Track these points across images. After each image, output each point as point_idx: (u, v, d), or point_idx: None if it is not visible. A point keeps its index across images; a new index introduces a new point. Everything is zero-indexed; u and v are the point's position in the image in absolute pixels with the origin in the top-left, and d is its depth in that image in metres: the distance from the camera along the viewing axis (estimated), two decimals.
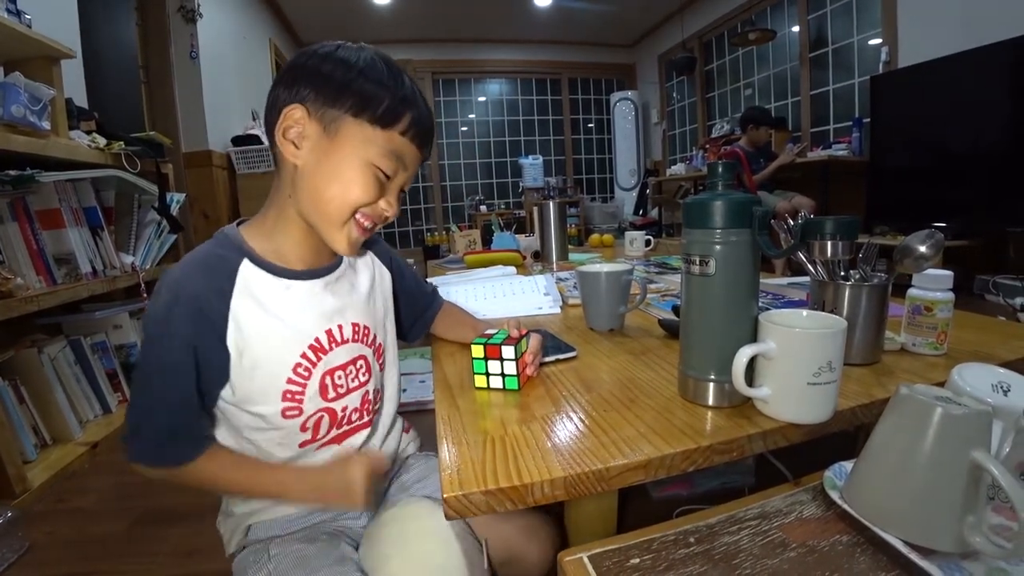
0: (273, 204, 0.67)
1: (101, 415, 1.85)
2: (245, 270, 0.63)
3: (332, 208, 0.63)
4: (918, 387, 0.44)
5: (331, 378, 0.68)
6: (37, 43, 1.65)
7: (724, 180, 0.55)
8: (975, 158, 2.79)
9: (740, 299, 0.55)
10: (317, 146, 0.62)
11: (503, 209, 6.29)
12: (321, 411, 0.67)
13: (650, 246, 1.98)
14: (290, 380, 0.64)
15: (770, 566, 0.41)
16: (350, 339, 0.70)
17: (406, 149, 0.64)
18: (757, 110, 3.76)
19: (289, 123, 0.61)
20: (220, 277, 0.62)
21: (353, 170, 0.62)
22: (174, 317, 0.58)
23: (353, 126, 0.61)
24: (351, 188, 0.62)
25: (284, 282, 0.66)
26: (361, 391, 0.72)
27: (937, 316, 0.70)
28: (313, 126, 0.61)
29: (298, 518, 0.70)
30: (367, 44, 0.65)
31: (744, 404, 0.57)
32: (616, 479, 0.46)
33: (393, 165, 0.63)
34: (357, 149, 0.61)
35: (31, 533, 1.26)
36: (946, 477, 0.40)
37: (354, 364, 0.71)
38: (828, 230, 0.58)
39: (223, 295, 0.61)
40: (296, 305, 0.66)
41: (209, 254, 0.64)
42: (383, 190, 0.65)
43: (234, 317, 0.61)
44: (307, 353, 0.66)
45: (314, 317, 0.67)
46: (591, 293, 0.89)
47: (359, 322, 0.72)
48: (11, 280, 1.42)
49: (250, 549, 0.68)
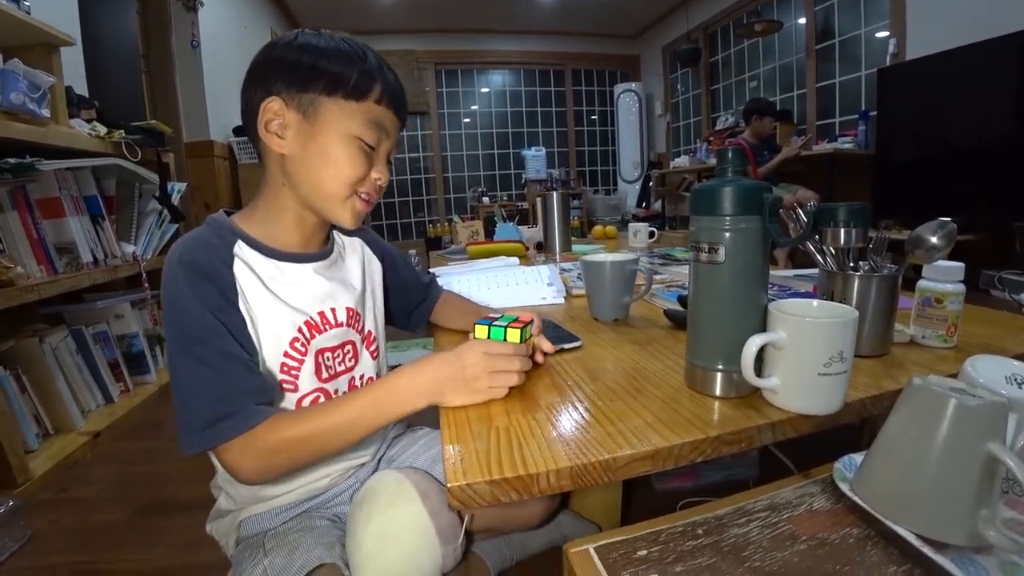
0: (263, 195, 0.69)
1: (103, 405, 1.85)
2: (240, 249, 0.65)
3: (330, 188, 0.65)
4: (932, 378, 0.43)
5: (322, 359, 0.69)
6: (36, 30, 1.63)
7: (733, 167, 0.54)
8: (982, 152, 2.77)
9: (749, 287, 0.54)
10: (300, 132, 0.63)
11: (506, 201, 6.26)
12: (317, 391, 0.68)
13: (654, 238, 1.96)
14: (287, 354, 0.65)
15: (780, 558, 0.40)
16: (344, 323, 0.71)
17: (384, 116, 0.66)
18: (761, 101, 3.73)
19: (269, 116, 0.63)
20: (220, 251, 0.63)
21: (339, 147, 0.64)
22: (192, 288, 0.59)
23: (330, 104, 0.63)
24: (342, 166, 0.64)
25: (277, 263, 0.67)
26: (348, 376, 0.73)
27: (947, 308, 0.69)
28: (292, 114, 0.63)
29: (289, 507, 0.70)
30: (326, 29, 0.66)
31: (752, 395, 0.56)
32: (623, 469, 0.46)
33: (375, 134, 0.65)
34: (338, 125, 0.63)
35: (33, 522, 1.26)
36: (960, 469, 0.40)
37: (342, 348, 0.72)
38: (841, 217, 0.57)
39: (227, 265, 0.62)
40: (290, 284, 0.67)
41: (202, 234, 0.65)
42: (371, 161, 0.66)
43: (239, 285, 0.62)
44: (303, 328, 0.67)
45: (308, 297, 0.68)
46: (596, 283, 0.88)
47: (352, 307, 0.73)
48: (12, 269, 1.41)
49: (245, 544, 0.68)
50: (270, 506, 0.70)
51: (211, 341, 0.58)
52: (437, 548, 0.60)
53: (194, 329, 0.58)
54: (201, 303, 0.59)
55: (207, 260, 0.61)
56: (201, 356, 0.57)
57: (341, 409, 0.58)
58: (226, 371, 0.58)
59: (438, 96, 6.35)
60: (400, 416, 0.59)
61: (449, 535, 0.62)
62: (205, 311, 0.58)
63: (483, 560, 0.80)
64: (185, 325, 0.58)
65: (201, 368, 0.57)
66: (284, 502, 0.70)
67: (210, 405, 0.56)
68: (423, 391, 0.58)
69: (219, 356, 0.58)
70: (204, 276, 0.60)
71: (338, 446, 0.60)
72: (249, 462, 0.56)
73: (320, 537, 0.65)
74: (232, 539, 0.71)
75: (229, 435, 0.55)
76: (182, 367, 0.58)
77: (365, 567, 0.59)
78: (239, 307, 0.62)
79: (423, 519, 0.60)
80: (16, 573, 1.12)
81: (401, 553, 0.59)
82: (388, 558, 0.59)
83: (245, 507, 0.70)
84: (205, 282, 0.60)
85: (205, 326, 0.58)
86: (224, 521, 0.72)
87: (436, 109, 6.34)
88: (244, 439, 0.56)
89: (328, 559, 0.61)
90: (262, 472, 0.58)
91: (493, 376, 0.58)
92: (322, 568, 0.61)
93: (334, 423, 0.58)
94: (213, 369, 0.57)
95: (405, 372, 0.59)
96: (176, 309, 0.59)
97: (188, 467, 1.51)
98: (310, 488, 0.71)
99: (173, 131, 2.45)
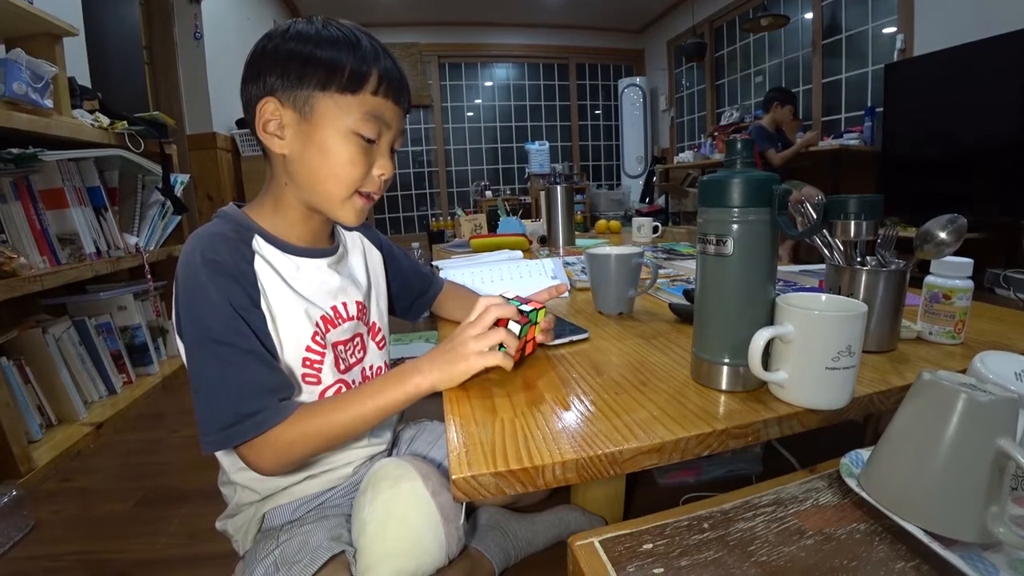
0: (269, 191, 0.69)
1: (106, 396, 1.85)
2: (258, 244, 0.65)
3: (330, 188, 0.65)
4: (941, 373, 0.42)
5: (338, 352, 0.71)
6: (39, 20, 1.62)
7: (742, 158, 0.53)
8: (989, 149, 2.74)
9: (757, 280, 0.53)
10: (298, 131, 0.63)
11: (509, 195, 6.25)
12: (338, 382, 0.69)
13: (657, 233, 1.95)
14: (309, 348, 0.66)
15: (786, 553, 0.40)
16: (354, 316, 0.73)
17: (383, 107, 0.64)
18: (785, 90, 3.67)
19: (266, 117, 0.63)
20: (240, 246, 0.63)
21: (338, 145, 0.62)
22: (218, 288, 0.59)
23: (325, 100, 0.61)
24: (342, 166, 0.63)
25: (294, 259, 0.68)
26: (359, 367, 0.75)
27: (955, 304, 0.68)
28: (288, 113, 0.62)
29: (309, 499, 0.71)
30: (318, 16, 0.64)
31: (758, 389, 0.55)
32: (629, 462, 0.45)
33: (375, 127, 0.64)
34: (336, 121, 0.62)
35: (36, 512, 1.26)
36: (970, 465, 0.39)
37: (352, 341, 0.74)
38: (852, 209, 0.56)
39: (248, 262, 0.63)
40: (306, 280, 0.68)
41: (220, 229, 0.64)
42: (372, 156, 0.65)
43: (260, 283, 0.63)
44: (319, 323, 0.67)
45: (323, 293, 0.69)
46: (601, 276, 0.88)
47: (360, 300, 0.75)
48: (14, 259, 1.41)
49: (262, 535, 0.68)
50: (294, 496, 0.70)
51: (236, 341, 0.58)
52: (439, 526, 0.60)
53: (219, 329, 0.58)
54: (227, 302, 0.58)
55: (230, 258, 0.61)
56: (225, 356, 0.57)
57: (351, 402, 0.59)
58: (250, 370, 0.58)
59: (441, 89, 6.32)
60: (405, 400, 0.59)
61: (451, 513, 0.62)
62: (232, 311, 0.58)
63: (488, 559, 0.80)
64: (210, 326, 0.58)
65: (226, 368, 0.57)
66: (309, 491, 0.71)
67: (234, 404, 0.56)
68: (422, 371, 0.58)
69: (243, 356, 0.58)
70: (229, 276, 0.60)
71: (351, 435, 0.61)
72: (270, 455, 0.57)
73: (332, 528, 0.66)
74: (252, 533, 0.71)
75: (253, 433, 0.56)
76: (206, 366, 0.58)
77: (370, 548, 0.59)
78: (261, 306, 0.62)
79: (424, 497, 0.61)
80: (19, 562, 1.12)
81: (404, 532, 0.59)
82: (391, 536, 0.59)
83: (269, 498, 0.71)
84: (230, 281, 0.60)
85: (231, 327, 0.58)
86: (242, 516, 0.72)
87: (439, 102, 6.31)
88: (265, 435, 0.56)
89: (336, 548, 0.62)
90: (282, 465, 0.59)
91: (478, 339, 0.58)
92: (332, 562, 0.61)
93: (346, 415, 0.58)
94: (238, 368, 0.57)
95: (410, 361, 0.60)
96: (200, 309, 0.58)
97: (191, 458, 1.52)
98: (333, 477, 0.72)
99: (176, 123, 2.44)
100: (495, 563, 0.81)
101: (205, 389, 0.57)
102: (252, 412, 0.56)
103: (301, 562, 0.60)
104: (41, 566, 1.11)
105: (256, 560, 0.64)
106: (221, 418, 0.56)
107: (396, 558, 0.59)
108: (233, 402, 0.56)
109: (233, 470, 0.70)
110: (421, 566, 0.60)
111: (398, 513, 0.60)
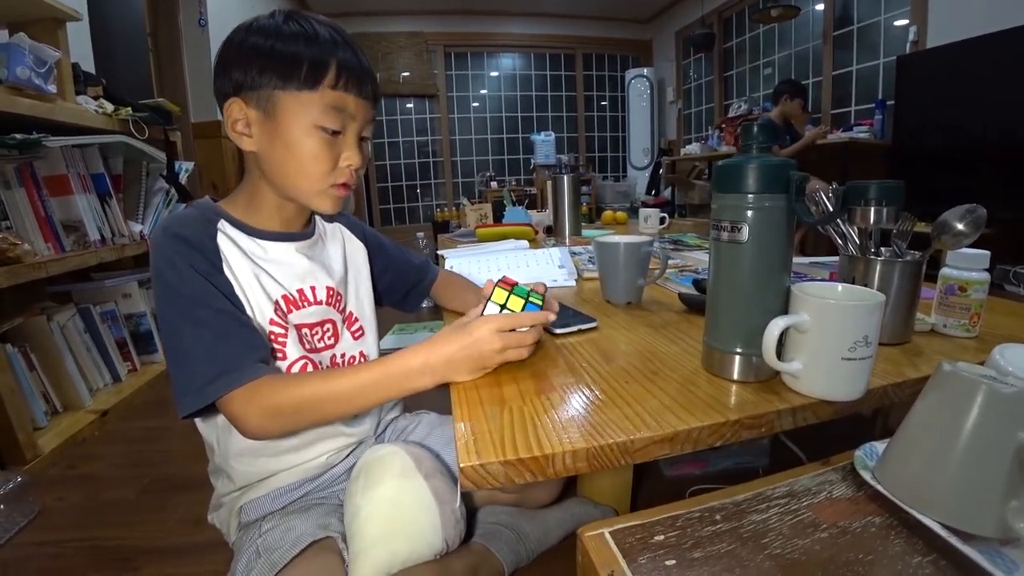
0: (246, 184, 0.71)
1: (111, 383, 1.85)
2: (223, 226, 0.66)
3: (300, 182, 0.66)
4: (961, 364, 0.41)
5: (302, 333, 0.70)
6: (42, 4, 1.61)
7: (759, 143, 0.52)
8: (1002, 144, 2.71)
9: (772, 268, 0.52)
10: (263, 129, 0.64)
11: (514, 186, 6.22)
12: (303, 358, 0.68)
13: (664, 224, 1.94)
14: (272, 321, 0.66)
15: (801, 546, 0.39)
16: (323, 301, 0.73)
17: (344, 100, 0.64)
18: (796, 83, 3.62)
19: (234, 117, 0.64)
20: (206, 225, 0.65)
21: (301, 141, 0.63)
22: (180, 255, 0.60)
23: (286, 98, 0.62)
24: (307, 160, 0.64)
25: (259, 241, 0.68)
26: (329, 352, 0.74)
27: (971, 297, 0.67)
28: (252, 112, 0.64)
29: (289, 490, 0.70)
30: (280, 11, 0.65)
31: (770, 379, 0.54)
32: (641, 452, 0.44)
33: (337, 119, 0.64)
34: (297, 118, 0.63)
35: (42, 498, 1.26)
36: (990, 459, 0.38)
37: (321, 326, 0.73)
38: (872, 195, 0.54)
39: (210, 237, 0.64)
40: (272, 261, 0.69)
41: (187, 212, 0.68)
42: (338, 148, 0.66)
43: (223, 254, 0.64)
44: (279, 302, 0.68)
45: (290, 274, 0.70)
46: (609, 265, 0.86)
47: (332, 287, 0.74)
48: (19, 246, 1.40)
49: (245, 529, 0.68)
50: (270, 487, 0.70)
51: (206, 301, 0.59)
52: (434, 508, 0.60)
53: (187, 294, 0.59)
54: (191, 267, 0.60)
55: (192, 233, 0.63)
56: (197, 318, 0.58)
57: (349, 377, 0.58)
58: (223, 329, 0.59)
59: (447, 79, 6.28)
60: (406, 392, 0.58)
61: (445, 495, 0.62)
62: (196, 275, 0.60)
63: (499, 559, 0.80)
64: (179, 291, 0.59)
65: (198, 329, 0.58)
66: (283, 483, 0.70)
67: (209, 363, 0.56)
68: (434, 370, 0.57)
69: (214, 315, 0.59)
70: (190, 245, 0.62)
71: (340, 413, 0.62)
72: (255, 413, 0.56)
73: (317, 518, 0.66)
74: (233, 525, 0.71)
75: (234, 385, 0.56)
76: (179, 332, 0.58)
77: (362, 532, 0.59)
78: (224, 272, 0.63)
79: (417, 479, 0.61)
80: (25, 548, 1.13)
81: (397, 514, 0.59)
82: (384, 519, 0.59)
83: (244, 491, 0.70)
84: (191, 250, 0.61)
85: (197, 289, 0.59)
86: (224, 509, 0.73)
87: (445, 92, 6.28)
88: (248, 390, 0.56)
89: (321, 535, 0.62)
90: (266, 427, 0.58)
91: (505, 353, 0.58)
92: (314, 545, 0.61)
93: (340, 389, 0.58)
94: (210, 328, 0.58)
95: (420, 351, 0.58)
96: (167, 278, 0.60)
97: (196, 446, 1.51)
98: (308, 467, 0.71)
99: (180, 110, 2.42)
100: (505, 564, 0.80)
101: (179, 353, 0.58)
102: (227, 370, 0.56)
103: (282, 547, 0.60)
104: (46, 552, 1.11)
105: (241, 551, 0.65)
106: (200, 376, 0.56)
107: (389, 541, 0.58)
108: (207, 361, 0.57)
109: (215, 453, 0.71)
110: (415, 550, 0.59)
111: (390, 496, 0.60)
